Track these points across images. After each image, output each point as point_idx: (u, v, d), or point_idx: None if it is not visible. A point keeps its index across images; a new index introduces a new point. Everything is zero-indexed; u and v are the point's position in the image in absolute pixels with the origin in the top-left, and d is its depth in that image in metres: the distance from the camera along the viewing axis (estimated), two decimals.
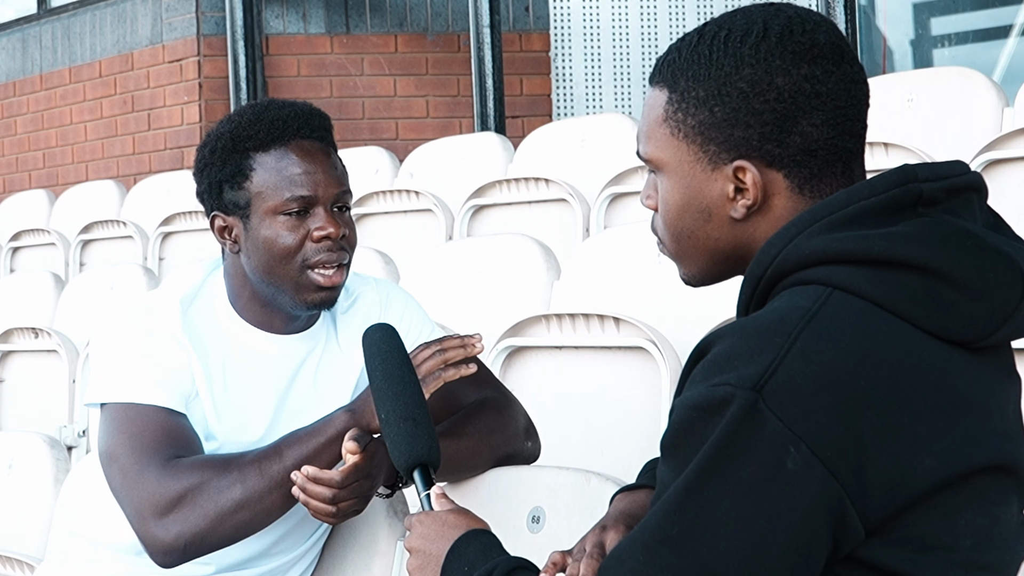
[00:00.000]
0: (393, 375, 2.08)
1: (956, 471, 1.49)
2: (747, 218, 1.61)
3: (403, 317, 2.56)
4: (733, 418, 1.45)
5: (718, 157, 1.60)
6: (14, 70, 9.39)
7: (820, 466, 1.44)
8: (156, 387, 2.36)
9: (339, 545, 2.62)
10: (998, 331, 1.54)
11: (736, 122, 1.58)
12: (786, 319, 1.49)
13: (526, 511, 2.39)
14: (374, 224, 5.32)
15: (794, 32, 1.59)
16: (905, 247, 1.52)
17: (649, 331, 3.02)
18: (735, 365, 1.47)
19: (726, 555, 1.45)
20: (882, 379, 1.47)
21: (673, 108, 1.62)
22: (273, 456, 2.28)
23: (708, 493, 1.46)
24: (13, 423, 4.51)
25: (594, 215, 4.61)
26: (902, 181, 1.56)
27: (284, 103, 2.48)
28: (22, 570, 3.05)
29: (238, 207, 2.42)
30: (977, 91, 4.35)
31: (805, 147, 1.58)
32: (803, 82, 1.58)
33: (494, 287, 3.85)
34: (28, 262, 6.63)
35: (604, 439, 3.10)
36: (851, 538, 1.48)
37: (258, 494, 2.26)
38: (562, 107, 7.80)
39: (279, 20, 8.10)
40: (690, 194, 1.63)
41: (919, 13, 7.54)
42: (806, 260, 1.55)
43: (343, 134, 8.00)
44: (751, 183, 1.59)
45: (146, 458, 2.30)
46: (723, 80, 1.58)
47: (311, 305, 2.42)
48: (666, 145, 1.64)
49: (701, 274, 1.69)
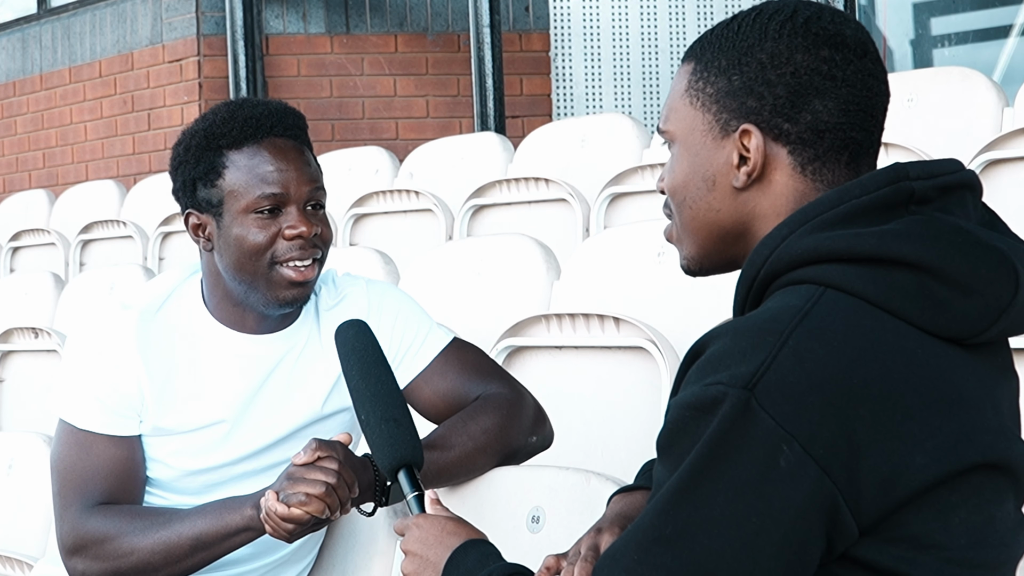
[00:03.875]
0: (370, 374, 2.06)
1: (950, 468, 1.49)
2: (747, 188, 1.62)
3: (397, 319, 2.55)
4: (726, 417, 1.45)
5: (728, 125, 1.63)
6: (14, 70, 9.39)
7: (813, 464, 1.44)
8: (103, 413, 2.42)
9: (338, 544, 2.62)
10: (992, 327, 1.54)
11: (751, 91, 1.61)
12: (778, 318, 1.50)
13: (526, 511, 2.39)
14: (374, 224, 5.31)
15: (822, 19, 1.62)
16: (896, 244, 1.52)
17: (649, 331, 3.02)
18: (728, 365, 1.48)
19: (719, 553, 1.45)
20: (874, 377, 1.47)
21: (696, 78, 1.65)
22: (174, 528, 2.34)
23: (701, 492, 1.46)
24: (13, 423, 4.51)
25: (594, 215, 4.61)
26: (893, 179, 1.57)
27: (258, 102, 2.49)
28: (21, 570, 3.05)
29: (211, 205, 2.43)
30: (977, 91, 4.35)
31: (814, 126, 1.60)
32: (821, 63, 1.60)
33: (494, 287, 3.85)
34: (28, 262, 6.62)
35: (604, 439, 3.09)
36: (845, 537, 1.48)
37: (152, 566, 2.34)
38: (562, 107, 7.80)
39: (279, 20, 8.10)
40: (698, 162, 1.65)
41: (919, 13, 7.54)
42: (798, 260, 1.55)
43: (343, 134, 8.02)
44: (754, 148, 1.61)
45: (72, 494, 2.41)
46: (745, 51, 1.61)
47: (283, 302, 2.42)
48: (684, 115, 1.67)
49: (700, 255, 1.69)
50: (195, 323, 2.48)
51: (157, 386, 2.43)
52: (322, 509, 2.22)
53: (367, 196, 5.32)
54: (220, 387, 2.46)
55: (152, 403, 2.42)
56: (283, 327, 2.50)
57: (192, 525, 2.33)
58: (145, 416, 2.43)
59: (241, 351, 2.47)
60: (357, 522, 2.56)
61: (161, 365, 2.44)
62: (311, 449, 2.25)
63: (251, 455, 2.48)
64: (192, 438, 2.45)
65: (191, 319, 2.49)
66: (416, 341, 2.54)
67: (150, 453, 2.45)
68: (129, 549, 2.34)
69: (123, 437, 2.43)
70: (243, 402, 2.46)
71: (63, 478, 2.43)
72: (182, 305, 2.50)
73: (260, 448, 2.48)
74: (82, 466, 2.42)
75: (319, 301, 2.55)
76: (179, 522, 2.34)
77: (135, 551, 2.34)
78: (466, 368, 2.53)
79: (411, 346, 2.54)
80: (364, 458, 2.32)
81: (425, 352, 2.54)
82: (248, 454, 2.48)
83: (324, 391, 2.51)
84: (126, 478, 2.42)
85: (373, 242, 5.08)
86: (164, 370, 2.44)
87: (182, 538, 2.32)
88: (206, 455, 2.46)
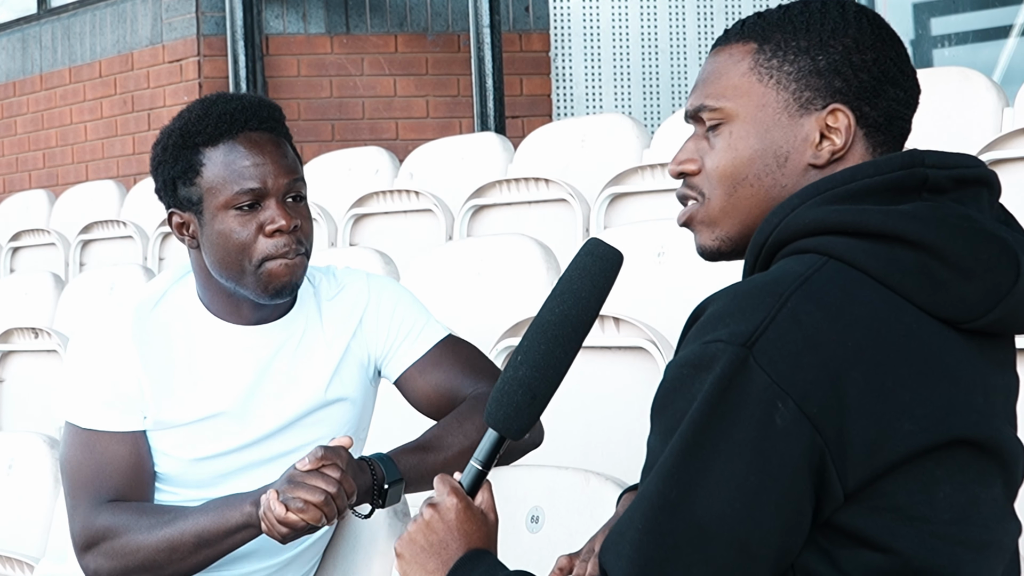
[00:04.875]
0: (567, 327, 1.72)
1: (937, 439, 1.51)
2: (825, 165, 1.64)
3: (396, 308, 2.56)
4: (723, 373, 1.47)
5: (811, 103, 1.65)
6: (14, 70, 9.39)
7: (806, 422, 1.47)
8: (107, 410, 2.43)
9: (340, 545, 2.62)
10: (989, 313, 1.56)
11: (838, 72, 1.64)
12: (780, 281, 1.53)
13: (525, 511, 2.39)
14: (374, 224, 5.32)
15: (883, 23, 1.69)
16: (901, 223, 1.55)
17: (649, 331, 3.02)
18: (727, 323, 1.50)
19: (720, 515, 1.47)
20: (868, 343, 1.50)
21: (766, 56, 1.67)
22: (177, 526, 2.35)
23: (702, 452, 1.48)
24: (13, 423, 4.51)
25: (594, 215, 4.61)
26: (908, 164, 1.60)
27: (233, 96, 2.49)
28: (22, 570, 3.05)
29: (192, 203, 2.44)
30: (977, 91, 4.35)
31: (890, 113, 1.65)
32: (894, 58, 1.67)
33: (494, 287, 3.85)
34: (28, 262, 6.63)
35: (604, 439, 3.10)
36: (831, 499, 1.49)
37: (158, 563, 2.35)
38: (562, 107, 7.80)
39: (279, 20, 8.10)
40: (769, 139, 1.66)
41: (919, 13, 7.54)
42: (804, 229, 1.58)
43: (343, 134, 8.02)
44: (844, 127, 1.64)
45: (82, 493, 2.43)
46: (829, 34, 1.65)
47: (272, 293, 2.43)
48: (747, 92, 1.67)
49: (740, 235, 1.69)
50: (191, 318, 2.49)
51: (155, 379, 2.44)
52: (319, 518, 2.22)
53: (367, 196, 5.32)
54: (219, 378, 2.47)
55: (151, 396, 2.43)
56: (279, 316, 2.51)
57: (195, 522, 2.34)
58: (147, 410, 2.44)
59: (238, 342, 2.48)
60: (359, 522, 2.56)
61: (158, 358, 2.45)
62: (316, 458, 2.25)
63: (255, 443, 2.49)
64: (194, 429, 2.45)
65: (187, 314, 2.50)
66: (414, 331, 2.55)
67: (155, 446, 2.46)
68: (136, 547, 2.35)
69: (127, 433, 2.43)
70: (244, 392, 2.47)
71: (72, 478, 2.44)
72: (177, 302, 2.51)
73: (264, 436, 2.49)
74: (89, 464, 2.43)
75: (318, 291, 2.56)
76: (182, 520, 2.35)
77: (141, 548, 2.35)
78: (461, 363, 2.54)
79: (408, 334, 2.55)
80: (362, 461, 2.33)
81: (422, 342, 2.55)
82: (252, 442, 2.48)
83: (326, 377, 2.52)
84: (134, 474, 2.43)
85: (373, 242, 5.08)
86: (161, 363, 2.45)
87: (185, 535, 2.33)
88: (210, 445, 2.46)
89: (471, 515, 1.73)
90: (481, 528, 1.74)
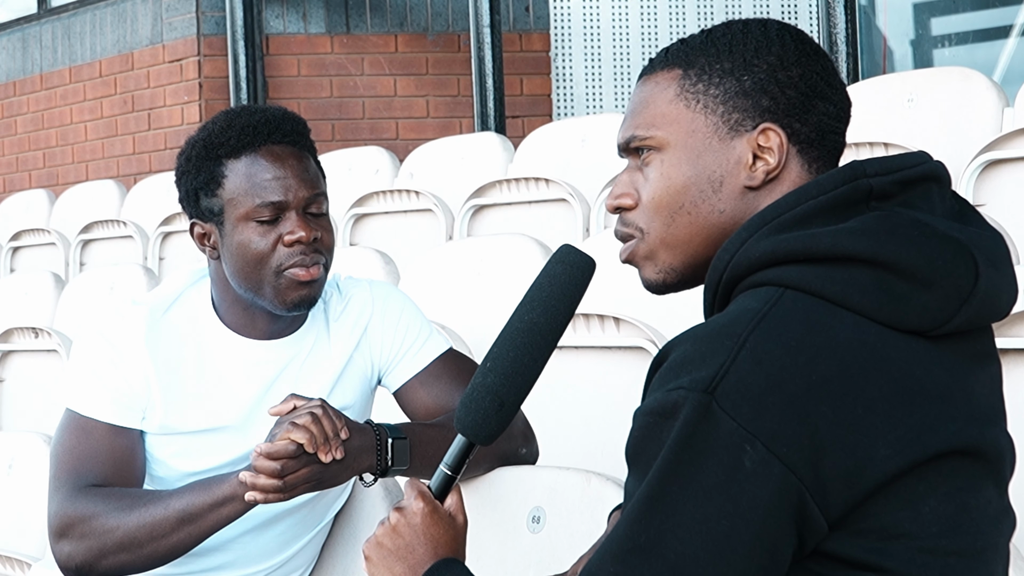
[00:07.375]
0: (536, 335, 1.71)
1: (914, 458, 1.49)
2: (759, 187, 1.63)
3: (401, 318, 2.57)
4: (687, 421, 1.46)
5: (741, 124, 1.63)
6: (14, 70, 9.39)
7: (777, 462, 1.45)
8: (109, 403, 2.42)
9: (338, 543, 2.62)
10: (954, 318, 1.55)
11: (765, 91, 1.63)
12: (736, 322, 1.51)
13: (526, 511, 2.39)
14: (374, 224, 5.32)
15: (807, 39, 1.68)
16: (851, 241, 1.53)
17: (649, 331, 3.02)
18: (688, 370, 1.48)
19: (693, 558, 1.45)
20: (833, 373, 1.48)
21: (692, 81, 1.65)
22: (161, 503, 2.31)
23: (670, 498, 1.46)
24: (13, 423, 4.51)
25: (594, 215, 4.61)
26: (850, 178, 1.58)
27: (257, 109, 2.49)
28: (22, 570, 3.05)
29: (213, 214, 2.45)
30: (977, 91, 4.35)
31: (821, 128, 1.64)
32: (820, 72, 1.65)
33: (494, 287, 3.85)
34: (28, 262, 6.63)
35: (604, 439, 3.10)
36: (814, 532, 1.48)
37: (138, 541, 2.31)
38: (562, 107, 7.80)
39: (279, 20, 8.10)
40: (702, 164, 1.65)
41: (919, 13, 7.54)
42: (757, 263, 1.56)
43: (343, 134, 8.02)
44: (776, 146, 1.62)
45: (65, 476, 2.39)
46: (752, 53, 1.64)
47: (291, 305, 2.42)
48: (676, 120, 1.66)
49: (685, 265, 1.68)
50: (203, 326, 2.49)
51: (164, 382, 2.43)
52: (309, 438, 2.18)
53: (367, 196, 5.32)
54: (226, 392, 2.46)
55: (158, 399, 2.43)
56: (290, 332, 2.51)
57: (179, 498, 2.31)
58: (150, 412, 2.43)
59: (248, 356, 2.48)
60: (357, 521, 2.56)
61: (168, 362, 2.45)
62: (289, 399, 2.24)
63: None
64: (196, 440, 2.45)
65: (200, 322, 2.49)
66: (417, 342, 2.55)
67: (154, 453, 2.46)
68: (114, 525, 2.32)
69: (125, 428, 2.42)
70: (249, 408, 2.47)
71: (59, 460, 2.42)
72: (190, 308, 2.51)
73: None
74: (79, 450, 2.41)
75: (328, 307, 2.55)
76: (167, 497, 2.32)
77: (120, 526, 2.31)
78: (461, 377, 2.54)
79: (412, 346, 2.55)
80: (360, 424, 2.31)
81: (425, 354, 2.55)
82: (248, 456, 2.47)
83: (328, 388, 2.51)
84: (122, 467, 2.41)
85: (373, 242, 5.08)
86: (171, 368, 2.45)
87: (168, 510, 2.30)
88: (209, 458, 2.46)
89: (438, 519, 1.73)
90: (448, 532, 1.74)
